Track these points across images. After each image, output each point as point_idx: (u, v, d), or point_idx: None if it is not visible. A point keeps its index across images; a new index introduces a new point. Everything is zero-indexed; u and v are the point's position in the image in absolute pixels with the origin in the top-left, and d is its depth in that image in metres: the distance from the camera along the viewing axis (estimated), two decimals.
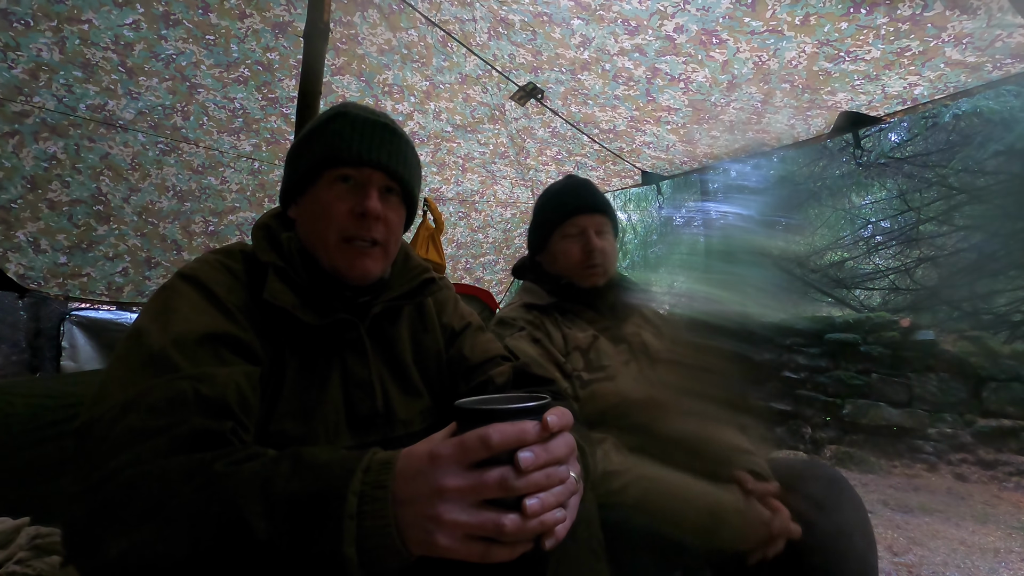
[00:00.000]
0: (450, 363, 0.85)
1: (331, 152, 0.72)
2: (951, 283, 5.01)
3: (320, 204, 0.72)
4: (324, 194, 0.72)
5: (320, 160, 0.72)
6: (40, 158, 1.95)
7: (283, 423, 0.66)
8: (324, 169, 0.72)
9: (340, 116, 0.74)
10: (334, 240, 0.71)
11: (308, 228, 0.74)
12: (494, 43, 2.02)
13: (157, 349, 0.56)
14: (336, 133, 0.72)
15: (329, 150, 0.72)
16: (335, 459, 0.47)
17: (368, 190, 0.72)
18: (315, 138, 0.74)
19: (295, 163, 0.76)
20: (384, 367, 0.77)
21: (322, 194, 0.72)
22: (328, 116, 0.75)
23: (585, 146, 2.60)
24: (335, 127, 0.73)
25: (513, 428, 0.44)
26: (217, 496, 0.44)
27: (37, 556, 0.97)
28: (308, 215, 0.74)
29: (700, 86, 1.92)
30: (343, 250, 0.72)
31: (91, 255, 2.29)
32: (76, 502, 0.48)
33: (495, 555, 0.43)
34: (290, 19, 1.86)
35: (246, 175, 2.45)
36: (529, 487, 0.43)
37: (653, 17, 1.64)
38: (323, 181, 0.73)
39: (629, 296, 1.20)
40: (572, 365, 1.06)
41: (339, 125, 0.73)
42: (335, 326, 0.71)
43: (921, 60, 1.55)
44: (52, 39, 1.65)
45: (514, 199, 3.27)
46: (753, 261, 1.04)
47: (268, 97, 2.11)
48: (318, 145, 0.73)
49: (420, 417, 0.78)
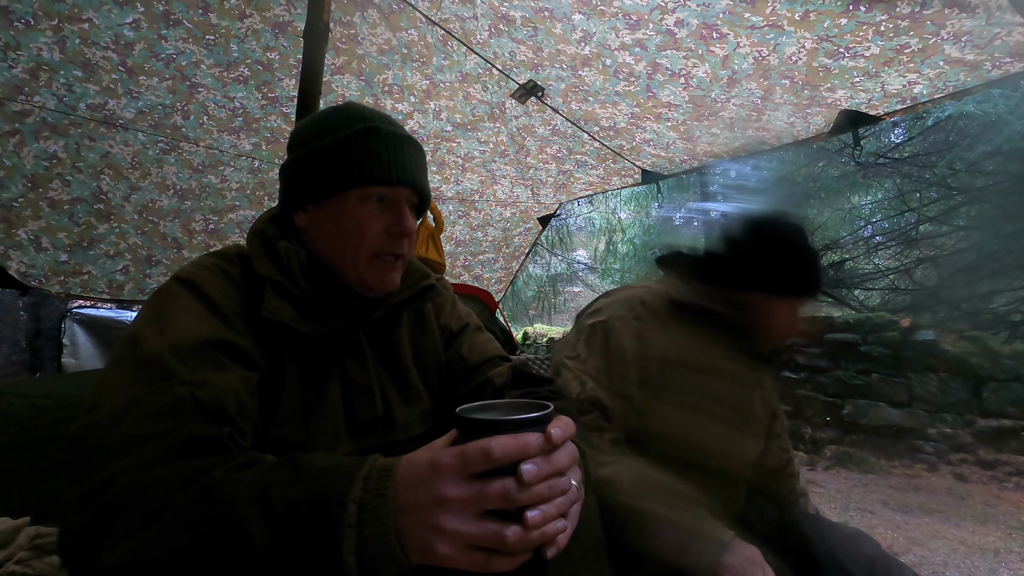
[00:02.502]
0: (449, 364, 0.85)
1: (367, 171, 0.70)
2: (951, 283, 5.00)
3: (351, 221, 0.71)
4: (357, 212, 0.71)
5: (352, 177, 0.70)
6: (41, 157, 1.95)
7: (283, 429, 0.65)
8: (356, 186, 0.71)
9: (372, 133, 0.72)
10: (366, 257, 0.71)
11: (329, 242, 0.72)
12: (495, 40, 2.02)
13: (154, 355, 0.56)
14: (369, 151, 0.71)
15: (364, 168, 0.70)
16: (334, 466, 0.46)
17: (402, 208, 0.73)
18: (343, 151, 0.71)
19: (314, 172, 0.72)
20: (384, 372, 0.77)
21: (354, 211, 0.71)
22: (357, 130, 0.72)
23: (585, 144, 2.61)
24: (368, 144, 0.71)
25: (516, 442, 0.43)
26: (216, 503, 0.44)
27: (37, 556, 0.97)
28: (330, 229, 0.72)
29: (700, 81, 1.92)
30: (374, 266, 0.72)
31: (92, 253, 2.29)
32: (72, 508, 0.47)
33: (496, 565, 0.43)
34: (290, 19, 1.86)
35: (246, 174, 2.46)
36: (531, 499, 0.43)
37: (654, 12, 1.64)
38: (353, 197, 0.71)
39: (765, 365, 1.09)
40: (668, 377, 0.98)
41: (372, 143, 0.71)
42: (334, 333, 0.71)
43: (920, 57, 1.55)
44: (52, 38, 1.65)
45: (514, 198, 3.27)
46: None
47: (268, 96, 2.11)
48: (348, 160, 0.71)
49: (420, 420, 0.78)
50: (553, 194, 3.29)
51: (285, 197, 0.77)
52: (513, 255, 3.85)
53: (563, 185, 3.15)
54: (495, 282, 3.92)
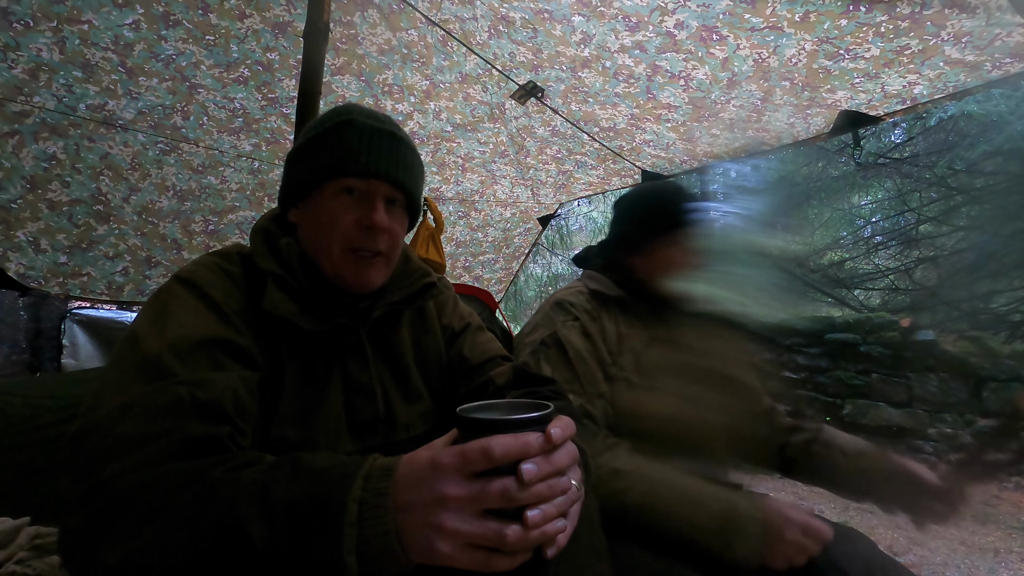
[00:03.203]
0: (450, 364, 0.85)
1: (337, 163, 0.70)
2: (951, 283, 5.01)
3: (325, 214, 0.71)
4: (329, 204, 0.71)
5: (326, 169, 0.71)
6: (40, 158, 1.95)
7: (283, 428, 0.65)
8: (329, 178, 0.71)
9: (347, 125, 0.72)
10: (339, 250, 0.71)
11: (311, 235, 0.73)
12: (494, 42, 2.02)
13: (153, 354, 0.56)
14: (343, 143, 0.71)
15: (336, 160, 0.70)
16: (335, 465, 0.46)
17: (374, 202, 0.72)
18: (320, 145, 0.72)
19: (297, 167, 0.74)
20: (385, 371, 0.77)
21: (327, 204, 0.71)
22: (334, 123, 0.73)
23: (585, 144, 2.60)
24: (342, 136, 0.71)
25: (516, 441, 0.44)
26: (216, 503, 0.44)
27: (37, 556, 0.97)
28: (311, 223, 0.73)
29: (700, 83, 1.92)
30: (348, 260, 0.71)
31: (91, 255, 2.29)
32: (72, 509, 0.47)
33: (496, 564, 0.43)
34: (290, 19, 1.86)
35: (246, 174, 2.46)
36: (531, 499, 0.43)
37: (654, 13, 1.64)
38: (328, 190, 0.71)
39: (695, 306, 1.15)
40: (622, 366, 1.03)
41: (346, 135, 0.71)
42: (335, 331, 0.71)
43: (920, 58, 1.55)
44: (52, 39, 1.65)
45: (514, 198, 3.27)
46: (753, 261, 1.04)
47: (268, 97, 2.11)
48: (324, 153, 0.71)
49: (421, 420, 0.78)
50: (553, 194, 3.29)
51: (280, 196, 0.78)
52: (513, 255, 3.84)
53: (563, 185, 3.15)
54: (495, 283, 3.92)
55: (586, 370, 0.99)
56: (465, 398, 0.79)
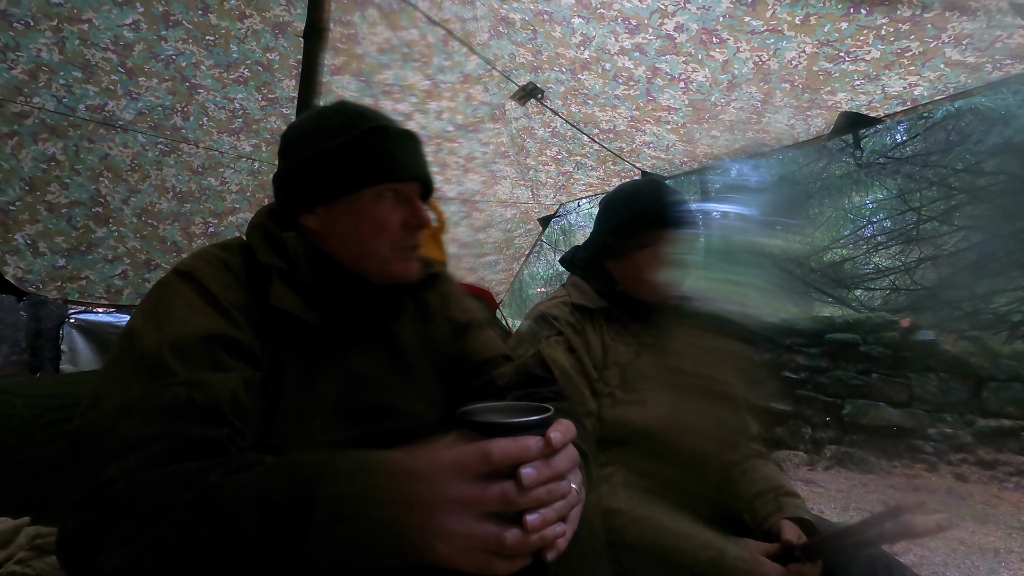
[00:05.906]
0: (454, 359, 0.84)
1: (381, 169, 0.73)
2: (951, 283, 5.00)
3: (369, 218, 0.72)
4: (372, 208, 0.72)
5: (366, 175, 0.72)
6: (39, 159, 1.94)
7: (284, 422, 0.65)
8: (370, 184, 0.72)
9: (381, 131, 0.74)
10: (388, 251, 0.74)
11: (348, 240, 0.73)
12: (495, 42, 2.02)
13: (152, 352, 0.55)
14: (382, 150, 0.73)
15: (379, 167, 0.72)
16: (332, 464, 0.46)
17: (414, 203, 0.76)
18: (353, 151, 0.72)
19: (324, 173, 0.73)
20: (387, 361, 0.77)
21: (370, 208, 0.72)
22: (362, 130, 0.73)
23: (585, 146, 2.60)
24: (378, 142, 0.73)
25: (515, 445, 0.44)
26: (214, 506, 0.44)
27: (37, 556, 0.97)
28: (349, 228, 0.73)
29: (700, 86, 1.92)
30: (397, 259, 0.75)
31: (90, 257, 2.28)
32: (71, 512, 0.47)
33: (495, 567, 0.43)
34: (290, 19, 1.86)
35: (246, 176, 2.45)
36: (531, 503, 0.43)
37: (654, 15, 1.64)
38: (367, 195, 0.72)
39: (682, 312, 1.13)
40: (607, 381, 1.02)
41: (382, 140, 0.73)
42: (337, 323, 0.71)
43: (921, 60, 1.55)
44: (52, 39, 1.65)
45: (515, 199, 3.27)
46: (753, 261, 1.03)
47: (268, 97, 2.11)
48: (360, 160, 0.72)
49: (430, 407, 0.78)
50: (553, 195, 3.29)
51: (288, 200, 0.76)
52: (514, 256, 3.84)
53: (563, 186, 3.14)
54: (498, 284, 3.92)
55: (573, 388, 0.98)
56: (467, 396, 0.79)
